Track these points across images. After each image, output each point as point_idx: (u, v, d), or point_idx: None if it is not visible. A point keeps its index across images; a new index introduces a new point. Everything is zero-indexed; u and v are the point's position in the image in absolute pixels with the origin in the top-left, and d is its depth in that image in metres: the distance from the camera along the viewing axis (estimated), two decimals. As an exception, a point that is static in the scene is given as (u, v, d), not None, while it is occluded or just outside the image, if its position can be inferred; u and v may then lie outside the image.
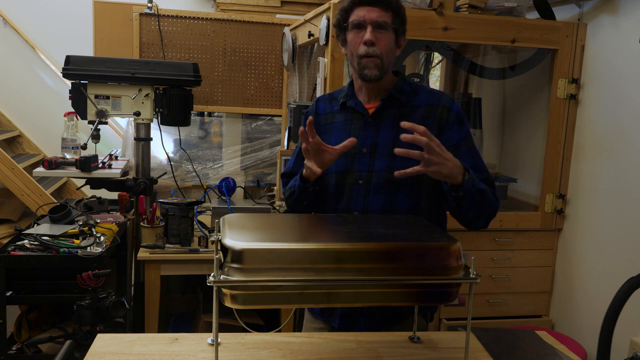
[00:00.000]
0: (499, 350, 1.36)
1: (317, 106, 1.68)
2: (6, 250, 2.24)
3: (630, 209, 2.24)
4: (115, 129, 4.08)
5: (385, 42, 1.48)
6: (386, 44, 1.48)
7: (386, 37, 1.48)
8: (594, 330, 2.39)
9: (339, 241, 1.16)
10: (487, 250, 2.55)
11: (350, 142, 1.41)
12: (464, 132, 1.55)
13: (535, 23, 2.44)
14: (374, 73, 1.48)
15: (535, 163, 2.74)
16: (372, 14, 1.46)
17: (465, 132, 1.55)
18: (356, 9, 1.48)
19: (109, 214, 2.86)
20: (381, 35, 1.47)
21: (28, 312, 2.56)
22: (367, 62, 1.48)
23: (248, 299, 1.07)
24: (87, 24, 3.68)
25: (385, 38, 1.48)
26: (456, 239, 1.17)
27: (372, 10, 1.46)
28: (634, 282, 1.09)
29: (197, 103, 3.35)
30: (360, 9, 1.47)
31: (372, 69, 1.48)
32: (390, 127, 1.52)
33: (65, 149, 3.06)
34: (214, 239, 1.20)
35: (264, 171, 3.59)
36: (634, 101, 2.23)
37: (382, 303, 1.23)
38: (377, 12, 1.46)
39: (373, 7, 1.46)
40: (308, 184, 1.51)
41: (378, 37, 1.46)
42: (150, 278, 2.55)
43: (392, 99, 1.54)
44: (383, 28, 1.47)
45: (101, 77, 2.76)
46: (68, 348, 1.31)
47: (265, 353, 1.29)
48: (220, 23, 3.43)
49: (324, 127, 1.62)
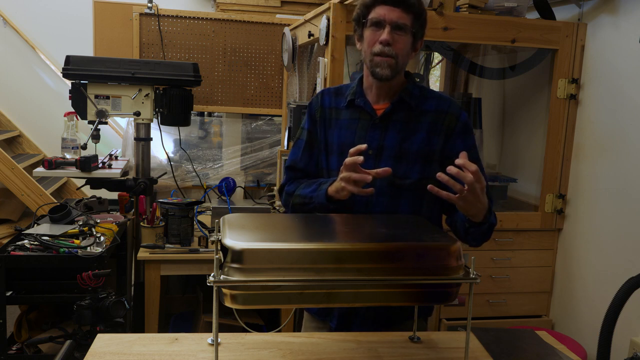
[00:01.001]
0: (499, 350, 1.36)
1: (322, 99, 1.63)
2: (6, 250, 2.24)
3: (630, 209, 2.24)
4: (115, 129, 4.08)
5: (402, 45, 1.45)
6: (402, 47, 1.45)
7: (403, 40, 1.45)
8: (594, 330, 2.39)
9: (339, 241, 1.16)
10: (487, 250, 2.54)
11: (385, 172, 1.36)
12: (470, 143, 1.54)
13: (535, 23, 2.44)
14: (386, 73, 1.46)
15: (535, 163, 2.74)
16: (392, 14, 1.43)
17: (471, 143, 1.54)
18: (377, 7, 1.45)
19: (109, 214, 2.86)
20: (399, 36, 1.44)
21: (28, 312, 2.56)
22: (380, 61, 1.45)
23: (248, 299, 1.07)
24: (87, 24, 3.68)
25: (403, 40, 1.45)
26: (456, 239, 1.17)
27: (393, 11, 1.43)
28: (634, 282, 1.09)
29: (197, 103, 3.35)
30: (382, 8, 1.44)
31: (384, 68, 1.45)
32: (398, 131, 1.51)
33: (65, 149, 3.06)
34: (214, 239, 1.19)
35: (264, 171, 3.59)
36: (634, 101, 2.23)
37: (382, 303, 1.23)
38: (397, 12, 1.43)
39: (395, 8, 1.43)
40: (333, 202, 1.46)
41: (395, 38, 1.44)
42: (150, 278, 2.55)
43: (401, 102, 1.52)
44: (402, 30, 1.44)
45: (101, 77, 2.76)
46: (68, 348, 1.31)
47: (265, 353, 1.29)
48: (220, 23, 3.43)
49: (329, 122, 1.59)
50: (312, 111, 1.63)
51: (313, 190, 1.51)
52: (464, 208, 1.35)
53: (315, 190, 1.50)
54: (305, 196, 1.53)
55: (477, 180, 1.28)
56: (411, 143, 1.50)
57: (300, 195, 1.55)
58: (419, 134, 1.51)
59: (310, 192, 1.51)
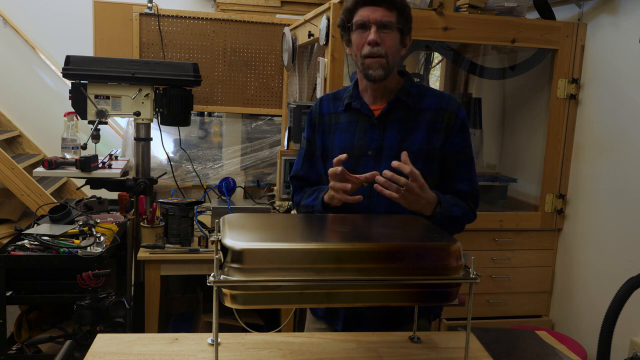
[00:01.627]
0: (499, 350, 1.36)
1: (321, 106, 1.65)
2: (6, 250, 2.24)
3: (630, 209, 2.24)
4: (115, 129, 4.08)
5: (390, 42, 1.46)
6: (391, 44, 1.46)
7: (391, 37, 1.46)
8: (594, 330, 2.39)
9: (339, 241, 1.16)
10: (487, 250, 2.55)
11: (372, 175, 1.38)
12: (466, 142, 1.56)
13: (535, 23, 2.44)
14: (379, 73, 1.47)
15: (535, 163, 2.74)
16: (376, 13, 1.44)
17: (467, 142, 1.56)
18: (360, 9, 1.47)
19: (109, 214, 2.86)
20: (386, 35, 1.45)
21: (28, 312, 2.56)
22: (371, 63, 1.46)
23: (248, 299, 1.07)
24: (87, 24, 3.68)
25: (390, 38, 1.46)
26: (456, 239, 1.17)
27: (376, 10, 1.44)
28: (634, 282, 1.09)
29: (197, 103, 3.35)
30: (364, 9, 1.46)
31: (376, 69, 1.46)
32: (397, 130, 1.51)
33: (65, 149, 3.06)
34: (214, 239, 1.19)
35: (264, 171, 3.59)
36: (634, 101, 2.23)
37: (382, 303, 1.22)
38: (381, 11, 1.44)
39: (377, 7, 1.44)
40: (330, 209, 1.50)
41: (382, 37, 1.45)
42: (150, 278, 2.55)
43: (398, 101, 1.53)
44: (387, 28, 1.45)
45: (101, 77, 2.76)
46: (68, 348, 1.31)
47: (265, 353, 1.29)
48: (220, 23, 3.43)
49: (328, 128, 1.61)
50: (312, 119, 1.66)
51: (314, 199, 1.55)
52: (407, 205, 1.40)
53: (315, 199, 1.55)
54: (307, 205, 1.58)
55: (414, 180, 1.34)
56: (411, 142, 1.50)
57: (304, 206, 1.61)
58: (418, 133, 1.51)
59: (312, 201, 1.56)
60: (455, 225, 1.50)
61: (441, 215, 1.44)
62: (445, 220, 1.44)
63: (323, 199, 1.50)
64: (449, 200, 1.48)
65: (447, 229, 1.43)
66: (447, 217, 1.45)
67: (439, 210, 1.44)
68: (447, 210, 1.46)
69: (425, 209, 1.42)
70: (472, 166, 1.58)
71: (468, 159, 1.56)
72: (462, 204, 1.52)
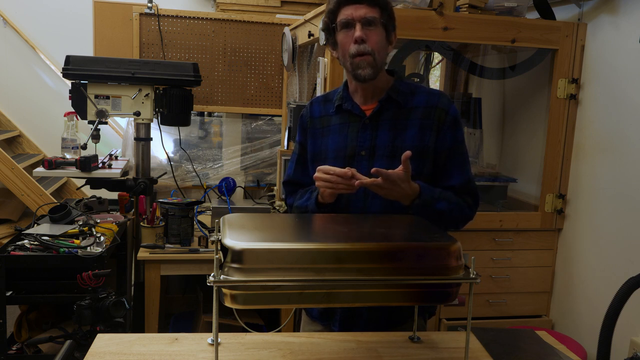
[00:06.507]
0: (499, 350, 1.36)
1: (312, 109, 1.65)
2: (6, 250, 2.24)
3: (630, 208, 2.24)
4: (115, 129, 4.08)
5: (376, 38, 1.47)
6: (377, 40, 1.47)
7: (376, 33, 1.47)
8: (594, 330, 2.39)
9: (339, 241, 1.16)
10: (487, 250, 2.55)
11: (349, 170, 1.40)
12: (459, 137, 1.55)
13: (535, 23, 2.44)
14: (368, 72, 1.47)
15: (535, 163, 2.74)
16: (359, 11, 1.45)
17: (460, 137, 1.55)
18: (343, 9, 1.48)
19: (109, 214, 2.86)
20: (371, 31, 1.46)
21: (28, 312, 2.56)
22: (360, 62, 1.46)
23: (248, 299, 1.07)
24: (87, 24, 3.68)
25: (376, 34, 1.47)
26: (456, 239, 1.16)
27: (358, 8, 1.46)
28: (634, 282, 1.09)
29: (197, 103, 3.35)
30: (347, 8, 1.47)
31: (365, 68, 1.46)
32: (388, 129, 1.51)
33: (65, 149, 3.06)
34: (214, 239, 1.19)
35: (264, 171, 3.59)
36: (634, 101, 2.23)
37: (382, 303, 1.23)
38: (364, 8, 1.45)
39: (359, 5, 1.46)
40: (323, 207, 1.51)
41: (368, 33, 1.46)
42: (150, 278, 2.55)
43: (389, 100, 1.53)
44: (372, 24, 1.46)
45: (101, 77, 2.76)
46: (68, 348, 1.31)
47: (265, 353, 1.29)
48: (220, 23, 3.43)
49: (320, 131, 1.61)
50: (304, 123, 1.66)
51: (307, 199, 1.56)
52: (383, 194, 1.40)
53: (308, 199, 1.55)
54: (301, 206, 1.58)
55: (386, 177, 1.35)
56: (403, 140, 1.50)
57: (297, 207, 1.60)
58: (410, 131, 1.51)
59: (305, 201, 1.56)
60: (442, 219, 1.47)
61: (418, 207, 1.43)
62: (424, 213, 1.43)
63: (317, 198, 1.50)
64: (436, 195, 1.47)
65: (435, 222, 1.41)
66: (427, 210, 1.43)
67: (417, 202, 1.43)
68: (428, 203, 1.44)
69: (404, 199, 1.42)
70: (465, 162, 1.56)
71: (461, 155, 1.55)
72: (455, 199, 1.50)
